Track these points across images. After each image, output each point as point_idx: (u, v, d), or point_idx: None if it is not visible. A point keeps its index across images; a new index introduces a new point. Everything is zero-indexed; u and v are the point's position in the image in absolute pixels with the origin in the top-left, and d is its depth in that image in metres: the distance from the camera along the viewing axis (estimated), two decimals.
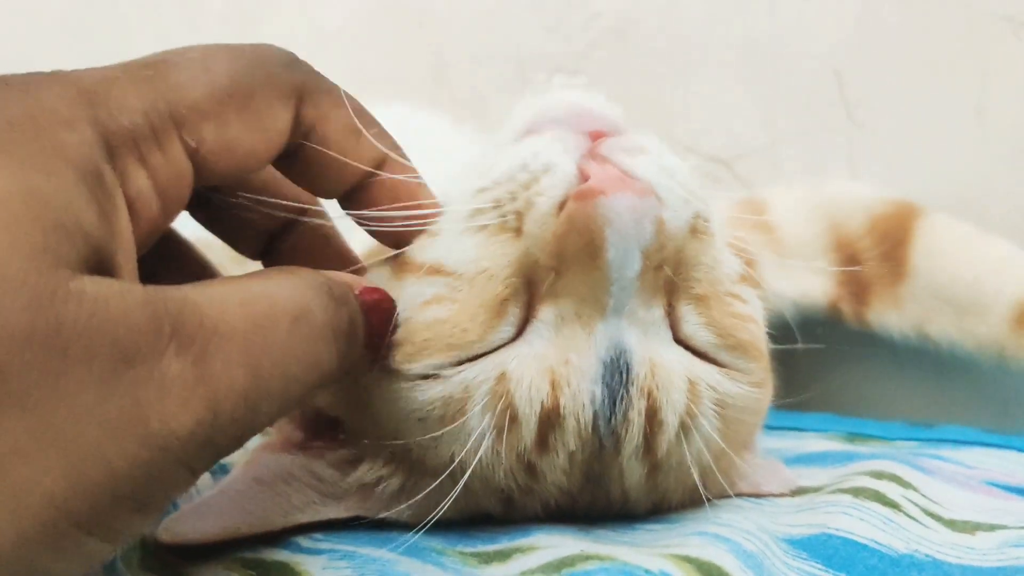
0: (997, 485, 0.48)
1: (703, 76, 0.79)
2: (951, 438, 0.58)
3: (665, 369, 0.36)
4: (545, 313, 0.36)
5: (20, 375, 0.22)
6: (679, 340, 0.37)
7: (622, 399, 0.35)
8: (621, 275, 0.34)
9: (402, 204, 0.36)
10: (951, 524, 0.41)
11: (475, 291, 0.35)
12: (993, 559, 0.37)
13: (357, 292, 0.32)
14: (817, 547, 0.37)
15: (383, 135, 0.35)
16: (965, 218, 0.65)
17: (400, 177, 0.36)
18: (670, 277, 0.36)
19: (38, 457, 0.22)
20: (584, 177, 0.35)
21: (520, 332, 0.36)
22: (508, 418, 0.35)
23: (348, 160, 0.34)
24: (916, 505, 0.41)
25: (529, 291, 0.36)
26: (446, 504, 0.35)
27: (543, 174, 0.36)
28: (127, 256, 0.27)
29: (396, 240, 0.37)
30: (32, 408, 0.22)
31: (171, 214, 0.30)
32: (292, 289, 0.29)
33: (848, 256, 0.66)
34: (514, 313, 0.36)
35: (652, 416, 0.35)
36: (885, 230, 0.65)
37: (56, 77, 0.27)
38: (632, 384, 0.35)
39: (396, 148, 0.36)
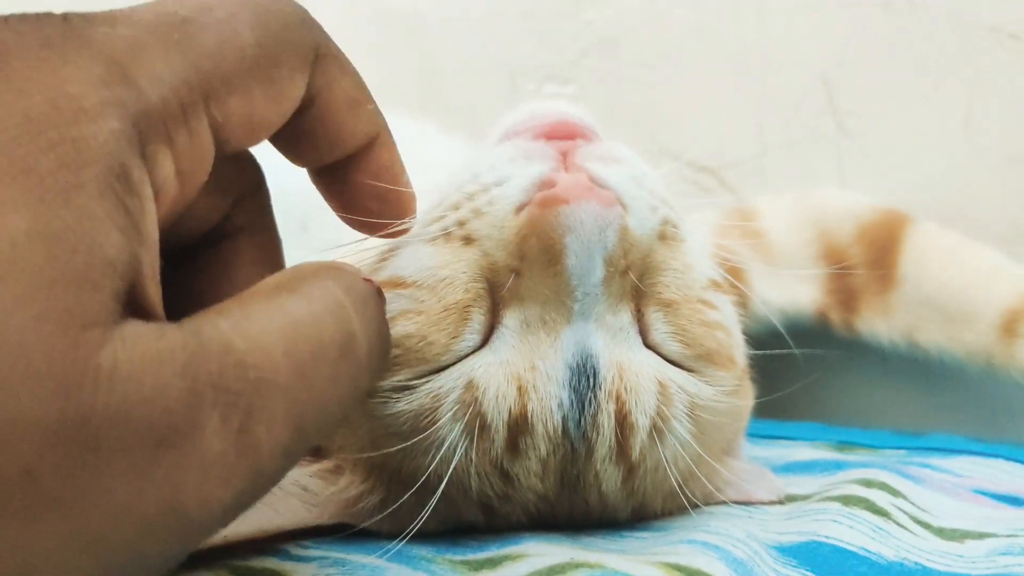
0: (985, 493, 0.49)
1: (692, 85, 0.79)
2: (939, 446, 0.58)
3: (633, 372, 0.36)
4: (510, 319, 0.36)
5: (51, 477, 0.19)
6: (649, 346, 0.37)
7: (590, 403, 0.35)
8: (583, 281, 0.35)
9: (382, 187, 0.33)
10: (940, 532, 0.41)
11: (438, 301, 0.36)
12: (982, 567, 0.37)
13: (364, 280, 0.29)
14: (807, 554, 0.37)
15: (377, 111, 0.32)
16: (953, 227, 0.66)
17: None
18: (635, 283, 0.36)
19: (72, 562, 0.20)
20: (550, 184, 0.35)
21: (486, 340, 0.36)
22: (478, 426, 0.35)
23: (344, 134, 0.31)
24: (905, 513, 0.42)
25: (492, 296, 0.36)
26: (425, 514, 0.35)
27: (495, 185, 0.36)
28: (152, 266, 0.23)
29: (367, 225, 0.34)
30: (65, 512, 0.20)
31: (188, 198, 0.26)
32: (336, 308, 0.26)
33: (837, 264, 0.66)
34: (479, 320, 0.36)
35: (622, 419, 0.35)
36: (874, 238, 0.66)
37: (83, 43, 0.23)
38: (600, 388, 0.35)
39: (387, 128, 0.33)
